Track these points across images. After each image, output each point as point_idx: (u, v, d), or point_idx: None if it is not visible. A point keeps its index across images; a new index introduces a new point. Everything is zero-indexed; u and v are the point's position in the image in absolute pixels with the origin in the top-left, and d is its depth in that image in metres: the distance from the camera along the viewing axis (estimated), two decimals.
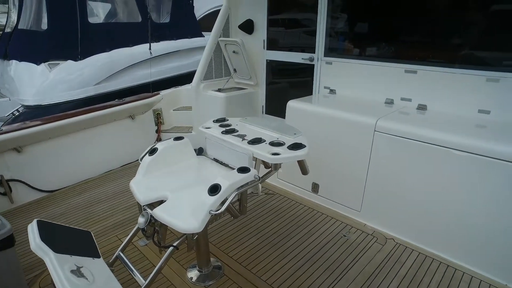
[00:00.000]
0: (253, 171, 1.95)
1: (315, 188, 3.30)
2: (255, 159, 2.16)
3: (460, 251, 2.47)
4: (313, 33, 3.67)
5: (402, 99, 3.15)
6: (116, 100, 4.23)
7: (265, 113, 4.49)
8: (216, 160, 2.46)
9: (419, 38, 3.04)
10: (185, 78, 6.98)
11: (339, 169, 3.04)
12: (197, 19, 8.83)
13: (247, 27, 4.31)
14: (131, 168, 4.16)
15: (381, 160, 2.75)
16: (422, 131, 2.50)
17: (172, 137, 2.48)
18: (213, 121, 2.64)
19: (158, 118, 4.62)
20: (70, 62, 6.25)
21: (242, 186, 1.90)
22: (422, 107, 3.03)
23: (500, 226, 2.24)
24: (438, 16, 2.89)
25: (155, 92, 4.70)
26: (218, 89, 4.40)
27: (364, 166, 2.86)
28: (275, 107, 4.34)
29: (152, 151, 2.32)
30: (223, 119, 2.66)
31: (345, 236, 2.81)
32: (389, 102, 3.22)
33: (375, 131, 2.72)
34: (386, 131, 2.67)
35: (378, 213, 2.88)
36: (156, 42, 7.28)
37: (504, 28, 2.58)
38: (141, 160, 2.33)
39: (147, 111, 4.52)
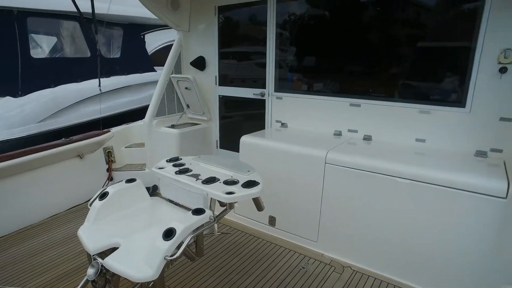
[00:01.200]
0: (208, 212, 1.94)
1: (272, 221, 3.33)
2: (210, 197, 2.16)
3: (411, 273, 2.60)
4: (264, 65, 3.85)
5: (349, 130, 3.37)
6: (63, 139, 4.02)
7: (220, 148, 4.52)
8: (171, 201, 2.41)
9: (360, 75, 3.32)
10: (139, 113, 6.86)
11: (295, 201, 3.12)
12: (149, 53, 8.84)
13: (199, 63, 4.40)
14: (80, 210, 3.90)
15: (333, 190, 2.87)
16: (368, 162, 2.67)
17: (123, 179, 2.40)
18: (166, 161, 2.61)
19: (109, 156, 4.44)
20: (8, 98, 5.88)
21: (197, 228, 1.87)
22: (367, 138, 3.26)
23: (445, 247, 2.42)
24: (376, 54, 3.19)
25: (106, 130, 4.54)
26: (172, 125, 4.37)
27: (318, 197, 2.96)
28: (229, 141, 4.40)
29: (103, 195, 2.22)
30: (176, 158, 2.64)
31: (304, 268, 2.84)
32: (338, 134, 3.42)
33: (325, 163, 2.86)
34: (336, 163, 2.81)
35: (334, 242, 2.97)
36: (106, 77, 7.14)
37: (428, 67, 2.93)
38: (90, 205, 2.21)
39: (97, 150, 4.34)
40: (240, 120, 4.33)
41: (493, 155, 2.71)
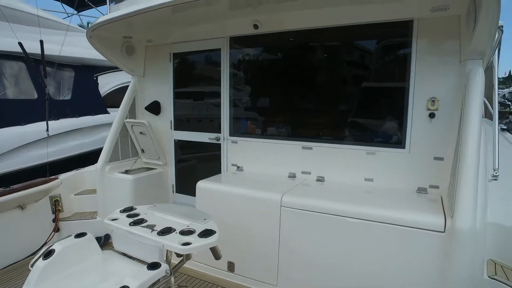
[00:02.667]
0: (164, 266, 1.89)
1: (230, 267, 3.27)
2: None
3: None
4: (218, 104, 3.96)
5: (303, 172, 3.51)
6: (1, 188, 3.70)
7: (176, 192, 4.45)
8: (124, 254, 2.31)
9: (310, 119, 3.54)
10: (91, 156, 6.57)
11: (253, 245, 3.11)
12: (103, 95, 8.65)
13: (154, 108, 4.41)
14: (19, 268, 3.54)
15: (290, 232, 2.93)
16: (321, 204, 2.78)
17: (72, 234, 2.27)
18: (120, 211, 2.52)
19: (55, 205, 4.14)
20: None
21: (153, 284, 1.81)
22: (320, 179, 3.41)
23: (396, 282, 2.52)
24: (325, 100, 3.45)
25: (53, 177, 4.27)
26: (126, 170, 4.25)
27: (275, 240, 2.99)
28: (186, 185, 4.35)
29: (48, 254, 2.08)
30: (131, 208, 2.57)
31: None
32: (292, 176, 3.55)
33: (281, 206, 2.93)
34: (291, 206, 2.89)
35: (293, 284, 2.97)
36: (54, 120, 6.82)
37: (372, 112, 3.24)
38: (32, 266, 2.05)
39: (42, 198, 4.04)
40: (196, 163, 4.33)
41: (432, 191, 2.97)
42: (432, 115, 2.92)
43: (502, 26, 2.82)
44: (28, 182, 3.97)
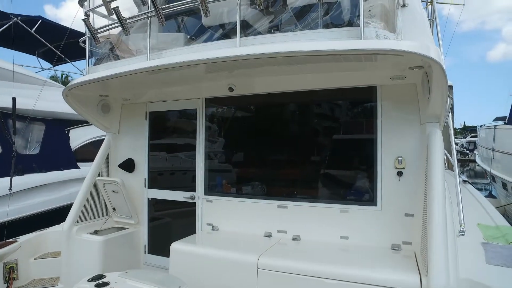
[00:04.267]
0: None
1: None
2: None
3: None
4: (193, 157, 3.97)
5: (279, 231, 3.48)
6: None
7: (148, 253, 4.24)
8: None
9: (286, 176, 3.60)
10: (59, 212, 6.19)
11: None
12: (75, 148, 8.42)
13: (128, 166, 4.34)
14: None
15: None
16: (298, 265, 2.74)
17: None
18: (88, 280, 2.37)
19: (9, 273, 3.70)
20: None
21: None
22: (296, 238, 3.38)
23: None
24: (299, 160, 3.56)
25: (10, 240, 3.91)
26: (95, 231, 4.03)
27: None
28: (159, 245, 4.16)
29: None
30: (100, 277, 2.42)
31: None
32: (268, 235, 3.50)
33: (258, 268, 2.85)
34: (268, 268, 2.82)
35: None
36: (19, 175, 6.48)
37: (343, 174, 3.37)
38: None
39: None
40: (170, 221, 4.21)
41: (406, 247, 3.02)
42: (400, 174, 3.07)
43: (452, 86, 3.14)
44: None
